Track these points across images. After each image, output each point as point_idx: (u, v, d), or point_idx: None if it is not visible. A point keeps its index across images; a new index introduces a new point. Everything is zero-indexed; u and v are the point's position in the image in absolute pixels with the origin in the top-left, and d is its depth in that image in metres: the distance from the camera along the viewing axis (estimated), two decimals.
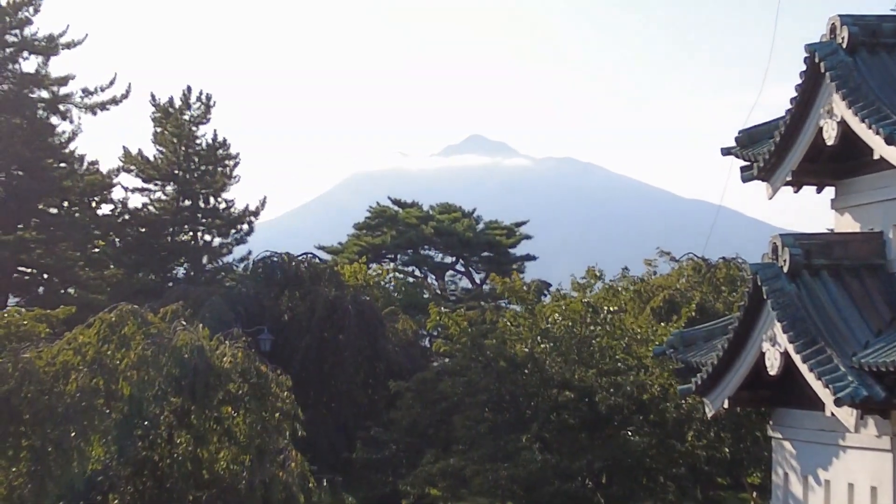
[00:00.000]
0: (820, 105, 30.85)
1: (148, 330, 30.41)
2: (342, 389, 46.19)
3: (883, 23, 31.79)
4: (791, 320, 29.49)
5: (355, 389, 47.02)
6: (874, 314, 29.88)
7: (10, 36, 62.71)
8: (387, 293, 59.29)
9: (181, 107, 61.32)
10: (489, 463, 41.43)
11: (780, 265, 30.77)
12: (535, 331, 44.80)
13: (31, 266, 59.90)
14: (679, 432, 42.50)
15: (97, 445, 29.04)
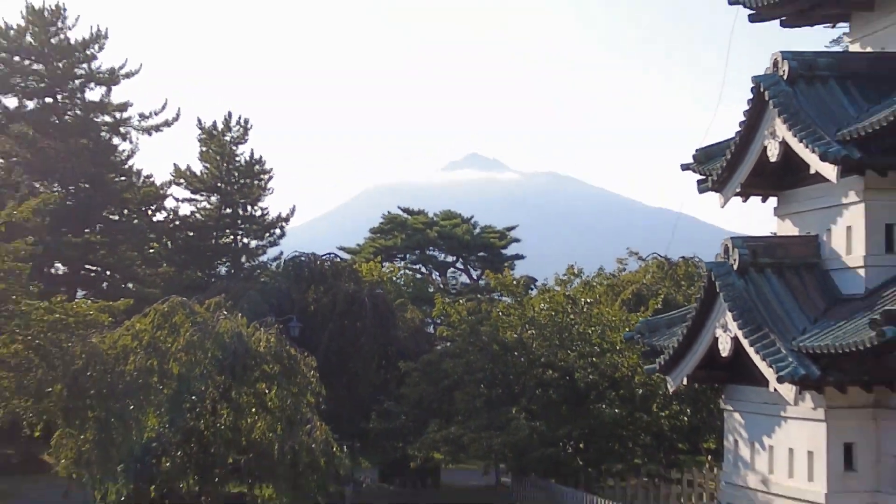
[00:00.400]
0: (765, 128, 31.02)
1: (195, 318, 30.52)
2: (359, 369, 46.27)
3: (818, 58, 31.97)
4: (740, 310, 29.67)
5: (370, 369, 47.10)
6: (810, 305, 30.09)
7: (78, 69, 62.70)
8: (397, 287, 59.35)
9: (223, 129, 61.48)
10: (484, 431, 41.55)
11: (731, 264, 30.97)
12: (523, 319, 44.98)
13: (97, 265, 60.01)
14: (645, 405, 42.70)
15: (152, 417, 29.18)
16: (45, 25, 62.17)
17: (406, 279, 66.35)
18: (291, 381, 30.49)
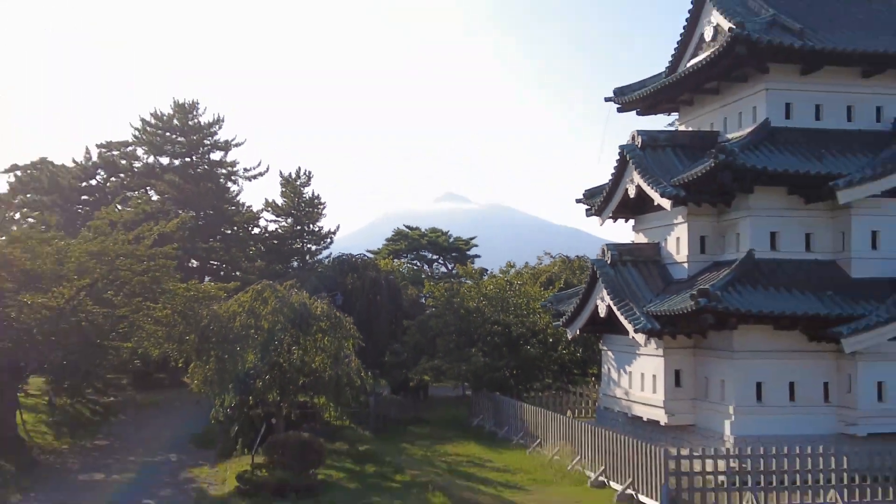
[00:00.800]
0: (627, 177, 31.43)
1: (277, 294, 30.45)
2: (378, 325, 46.19)
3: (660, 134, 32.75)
4: (611, 288, 30.00)
5: (385, 325, 47.00)
6: (654, 285, 30.61)
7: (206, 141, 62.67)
8: (402, 275, 59.29)
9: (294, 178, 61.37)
10: (455, 363, 41.52)
11: (606, 260, 31.34)
12: (479, 294, 45.16)
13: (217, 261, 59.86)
14: (554, 347, 42.83)
15: (250, 354, 29.08)
16: (185, 113, 62.26)
17: (407, 270, 66.47)
18: (336, 333, 30.46)
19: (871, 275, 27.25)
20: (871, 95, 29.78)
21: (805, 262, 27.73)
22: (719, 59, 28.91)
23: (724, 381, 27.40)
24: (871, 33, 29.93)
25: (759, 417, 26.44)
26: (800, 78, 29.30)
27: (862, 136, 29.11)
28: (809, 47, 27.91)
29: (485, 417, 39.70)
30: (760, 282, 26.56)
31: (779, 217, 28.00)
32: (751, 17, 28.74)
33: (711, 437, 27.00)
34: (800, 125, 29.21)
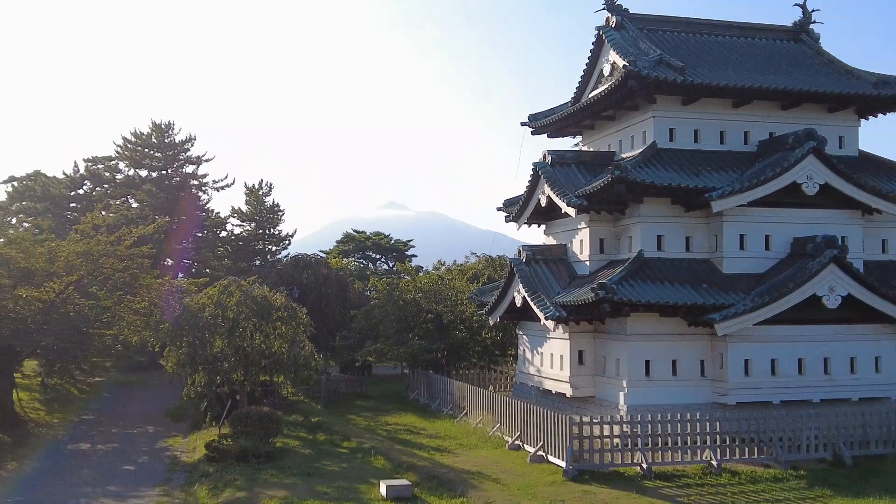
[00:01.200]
0: (539, 189, 31.59)
1: (241, 288, 30.36)
2: (330, 314, 46.12)
3: (567, 153, 32.95)
4: (526, 282, 30.22)
5: (335, 314, 46.91)
6: (562, 280, 30.81)
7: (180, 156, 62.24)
8: (350, 272, 59.13)
9: (257, 188, 61.01)
10: (394, 346, 41.59)
11: (522, 259, 31.56)
12: (415, 287, 45.14)
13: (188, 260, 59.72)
14: (479, 332, 43.01)
15: (218, 340, 28.95)
16: (161, 132, 61.70)
17: (355, 267, 66.27)
18: (292, 321, 30.42)
19: (739, 271, 27.84)
20: (740, 122, 30.47)
21: (685, 261, 28.19)
22: (615, 91, 29.42)
23: (618, 359, 27.78)
24: (740, 71, 30.69)
25: (648, 389, 26.84)
26: (682, 107, 29.84)
27: (732, 156, 29.75)
28: (689, 82, 28.49)
29: (419, 392, 39.86)
30: (648, 277, 26.92)
31: (664, 223, 28.41)
32: (641, 57, 29.30)
33: (608, 407, 27.34)
34: (681, 147, 29.76)
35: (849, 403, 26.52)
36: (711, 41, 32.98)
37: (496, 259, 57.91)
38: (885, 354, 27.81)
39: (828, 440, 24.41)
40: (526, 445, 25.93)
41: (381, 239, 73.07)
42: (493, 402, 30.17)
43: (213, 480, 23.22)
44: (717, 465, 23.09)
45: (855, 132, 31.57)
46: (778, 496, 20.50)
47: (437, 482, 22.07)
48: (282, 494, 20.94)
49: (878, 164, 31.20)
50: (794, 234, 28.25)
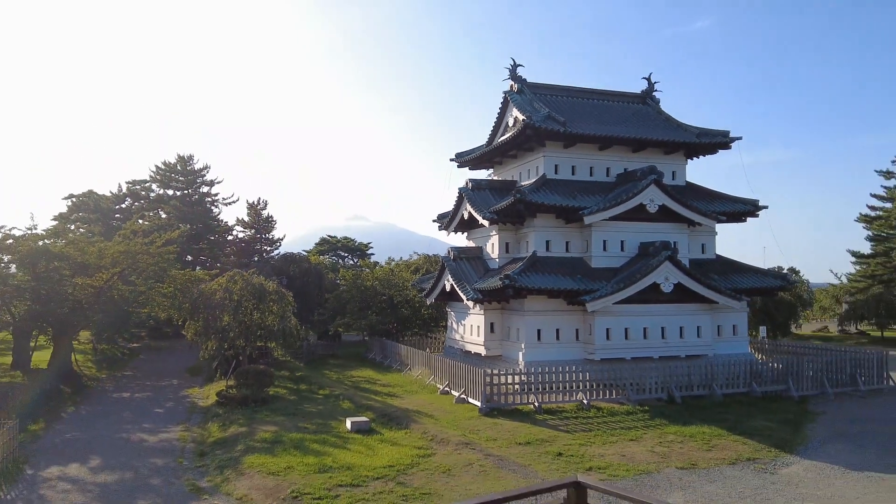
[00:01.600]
0: (463, 207, 31.50)
1: (243, 278, 29.85)
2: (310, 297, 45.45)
3: (482, 181, 32.71)
4: (453, 273, 30.18)
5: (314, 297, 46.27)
6: (479, 272, 30.80)
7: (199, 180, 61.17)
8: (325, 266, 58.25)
9: (256, 203, 59.80)
10: (358, 320, 41.32)
11: (451, 257, 31.46)
12: (373, 277, 44.77)
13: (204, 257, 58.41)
14: (419, 310, 42.95)
15: (226, 316, 28.42)
16: (184, 162, 60.91)
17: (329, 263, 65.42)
18: (282, 302, 29.98)
19: (603, 266, 28.40)
20: (604, 160, 31.06)
21: (565, 258, 28.66)
22: (517, 137, 29.76)
23: (518, 328, 28.09)
24: (604, 124, 31.28)
25: (539, 350, 27.20)
26: (563, 149, 30.31)
27: (598, 185, 30.32)
28: (569, 131, 28.97)
29: (376, 353, 39.67)
30: (540, 270, 27.30)
31: (551, 231, 28.84)
32: (535, 113, 29.69)
33: (512, 362, 27.62)
34: (563, 177, 30.22)
35: (678, 359, 27.27)
36: (584, 103, 33.55)
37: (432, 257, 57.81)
38: (703, 325, 28.66)
39: (664, 385, 24.99)
40: (453, 391, 26.05)
41: (348, 242, 72.31)
42: (430, 360, 30.22)
43: (221, 419, 22.78)
44: (587, 403, 23.44)
45: (684, 168, 32.44)
46: (630, 424, 20.94)
47: (388, 418, 22.02)
48: (273, 429, 20.66)
49: (699, 191, 32.12)
50: (640, 240, 28.90)
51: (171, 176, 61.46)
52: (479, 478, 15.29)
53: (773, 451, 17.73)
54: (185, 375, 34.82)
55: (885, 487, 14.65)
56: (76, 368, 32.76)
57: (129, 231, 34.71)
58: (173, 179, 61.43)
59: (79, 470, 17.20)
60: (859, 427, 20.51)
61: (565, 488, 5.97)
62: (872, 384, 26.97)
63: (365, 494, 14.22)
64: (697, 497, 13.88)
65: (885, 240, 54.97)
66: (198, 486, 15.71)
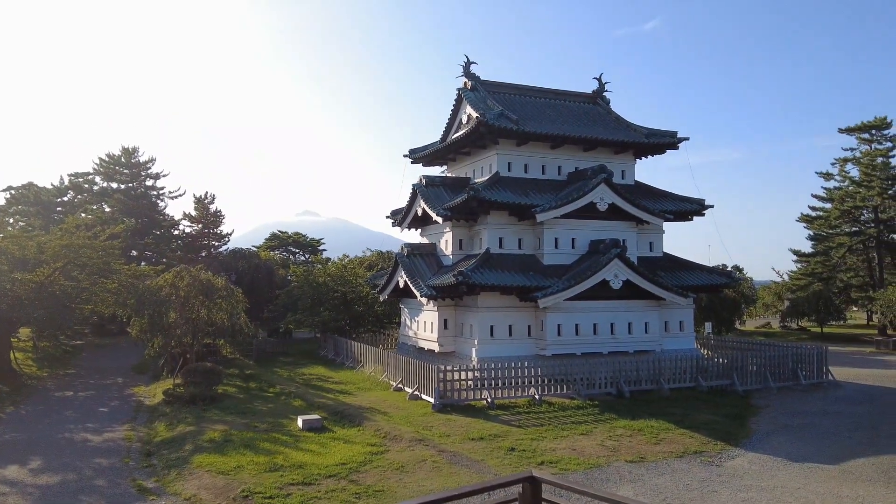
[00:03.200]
0: (417, 204, 31.47)
1: (191, 273, 29.17)
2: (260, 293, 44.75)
3: (436, 177, 32.80)
4: (407, 270, 30.13)
5: (264, 293, 45.58)
6: (433, 269, 30.85)
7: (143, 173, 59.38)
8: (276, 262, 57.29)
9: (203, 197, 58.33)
10: (309, 317, 40.82)
11: (404, 253, 31.41)
12: (325, 274, 44.22)
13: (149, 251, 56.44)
14: (373, 306, 42.59)
15: (173, 312, 27.75)
16: (129, 154, 59.08)
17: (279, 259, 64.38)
18: (231, 299, 29.35)
19: (554, 263, 28.75)
20: (556, 159, 31.39)
21: (518, 256, 28.88)
22: (471, 134, 29.83)
23: (472, 325, 28.16)
24: (555, 123, 31.63)
25: (492, 346, 27.36)
26: (516, 147, 30.53)
27: (550, 183, 30.64)
28: (521, 130, 29.20)
29: (328, 350, 39.27)
30: (493, 267, 27.42)
31: (504, 229, 29.01)
32: (489, 111, 29.78)
33: (465, 359, 27.69)
34: (516, 175, 30.46)
35: (627, 355, 27.81)
36: (536, 101, 33.82)
37: (385, 253, 57.50)
38: (651, 321, 29.26)
39: (613, 380, 25.40)
40: (406, 388, 25.97)
41: (299, 238, 71.39)
42: (383, 357, 30.07)
43: (169, 418, 22.21)
44: (538, 398, 23.67)
45: (633, 168, 33.03)
46: (580, 419, 21.23)
47: (340, 416, 21.84)
48: (222, 428, 20.25)
49: (647, 191, 32.77)
50: (591, 238, 29.32)
51: (115, 168, 59.51)
52: (433, 474, 15.30)
53: (718, 444, 18.23)
54: (131, 374, 33.86)
55: (824, 477, 15.24)
56: (15, 367, 31.62)
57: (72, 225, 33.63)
58: (117, 172, 59.51)
59: (18, 472, 16.54)
60: (800, 420, 21.29)
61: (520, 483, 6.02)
62: (813, 378, 28.03)
63: (317, 493, 14.06)
64: (647, 490, 14.17)
65: (824, 239, 57.18)
66: (144, 486, 15.28)
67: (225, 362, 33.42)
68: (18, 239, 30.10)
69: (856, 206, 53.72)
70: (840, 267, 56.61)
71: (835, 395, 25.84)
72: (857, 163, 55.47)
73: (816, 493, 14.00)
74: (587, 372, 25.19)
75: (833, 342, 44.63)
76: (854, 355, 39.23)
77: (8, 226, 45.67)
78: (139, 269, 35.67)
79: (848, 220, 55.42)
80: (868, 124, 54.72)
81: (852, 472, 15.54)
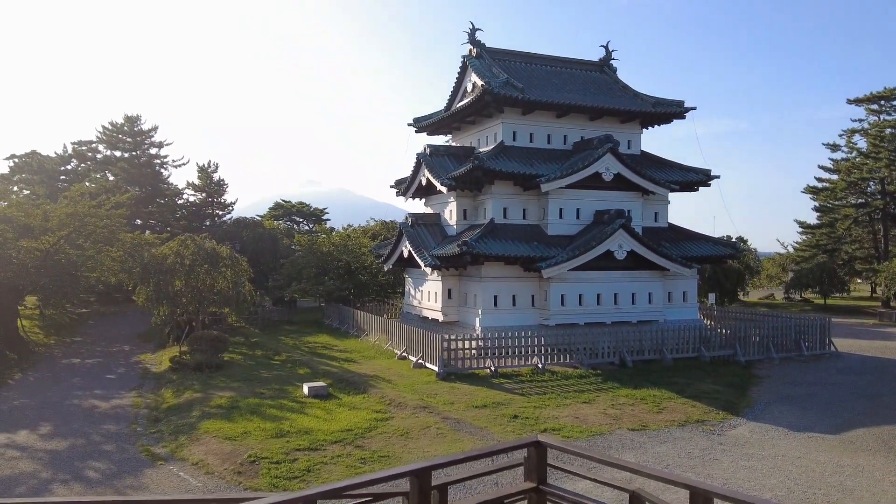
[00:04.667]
0: (421, 173, 31.38)
1: (195, 242, 29.20)
2: (264, 262, 44.82)
3: (440, 147, 32.55)
4: (411, 239, 30.13)
5: (268, 262, 45.68)
6: (437, 238, 30.84)
7: (146, 141, 59.10)
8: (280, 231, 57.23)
9: (206, 166, 58.10)
10: (314, 286, 40.95)
11: (408, 223, 31.35)
12: (329, 243, 44.22)
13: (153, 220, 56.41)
14: (377, 276, 42.70)
15: (178, 281, 27.84)
16: (132, 122, 58.78)
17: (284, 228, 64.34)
18: (235, 267, 29.41)
19: (559, 233, 28.69)
20: (561, 128, 31.18)
21: (522, 226, 28.84)
22: (475, 103, 29.54)
23: (476, 294, 28.27)
24: (561, 92, 31.31)
25: (496, 315, 27.48)
26: (521, 116, 30.29)
27: (556, 153, 30.48)
28: (527, 98, 28.93)
29: (333, 319, 39.50)
30: (497, 237, 27.42)
31: (508, 199, 28.93)
32: (494, 79, 29.47)
33: (468, 328, 27.84)
34: (521, 145, 30.28)
35: (630, 325, 27.92)
36: (542, 69, 33.44)
37: (389, 223, 57.41)
38: (654, 291, 29.32)
39: (616, 349, 25.56)
40: (410, 356, 26.15)
41: (303, 207, 71.27)
42: (387, 326, 30.24)
43: (175, 385, 22.45)
44: (542, 367, 23.84)
45: (639, 138, 32.79)
46: (583, 387, 21.41)
47: (345, 383, 22.04)
48: (229, 395, 20.48)
49: (653, 161, 32.57)
50: (595, 208, 29.23)
51: (117, 137, 59.16)
52: (437, 440, 15.48)
53: (720, 413, 18.39)
54: (137, 341, 34.15)
55: (825, 447, 15.38)
56: (23, 334, 31.90)
57: (77, 193, 33.56)
58: (120, 140, 59.19)
59: (28, 437, 16.78)
60: (802, 390, 21.43)
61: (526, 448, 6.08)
62: (815, 350, 28.15)
63: (323, 458, 14.26)
64: (648, 457, 14.33)
65: (830, 211, 56.93)
66: (152, 451, 15.51)
67: (230, 330, 33.67)
68: (24, 206, 30.12)
69: (862, 177, 53.37)
70: (845, 239, 56.48)
71: (836, 365, 25.97)
72: (865, 134, 54.97)
73: (817, 461, 14.13)
74: (590, 341, 25.34)
75: (836, 314, 44.69)
76: (857, 327, 39.33)
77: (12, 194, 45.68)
78: (144, 237, 35.73)
79: (854, 191, 55.12)
80: (877, 95, 54.03)
81: (853, 442, 15.68)
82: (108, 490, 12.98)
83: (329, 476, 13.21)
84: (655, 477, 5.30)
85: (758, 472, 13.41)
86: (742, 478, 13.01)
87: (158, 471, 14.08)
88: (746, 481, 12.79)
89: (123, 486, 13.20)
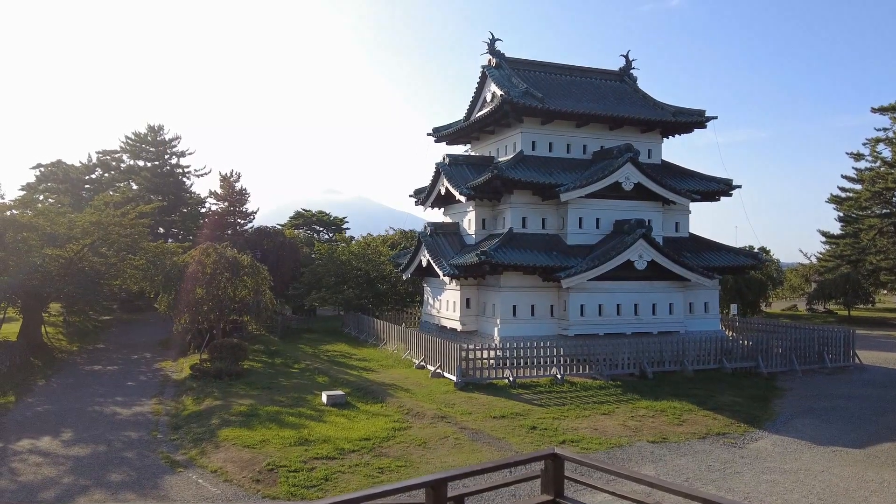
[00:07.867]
0: (440, 182, 31.40)
1: (217, 251, 29.48)
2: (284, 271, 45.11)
3: (460, 156, 32.64)
4: (430, 249, 30.15)
5: (289, 270, 45.95)
6: (456, 248, 30.82)
7: (169, 151, 60.06)
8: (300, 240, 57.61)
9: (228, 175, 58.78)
10: (333, 294, 41.18)
11: (427, 232, 31.42)
12: (349, 252, 44.53)
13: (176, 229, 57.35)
14: (396, 285, 42.88)
15: (199, 289, 28.11)
16: (154, 132, 59.89)
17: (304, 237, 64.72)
18: (256, 276, 29.65)
19: (578, 243, 28.60)
20: (581, 138, 31.12)
21: (541, 235, 28.79)
22: (495, 112, 29.61)
23: (494, 304, 28.24)
24: (581, 101, 31.27)
25: (514, 325, 27.46)
26: (540, 126, 30.29)
27: (575, 162, 30.42)
28: (546, 108, 28.92)
29: (351, 328, 39.65)
30: (516, 246, 27.40)
31: (527, 208, 28.91)
32: (513, 88, 29.53)
33: (487, 338, 27.84)
34: (540, 154, 30.26)
35: (651, 335, 27.70)
36: (561, 79, 33.45)
37: (408, 232, 57.50)
38: (675, 302, 29.08)
39: (636, 360, 25.32)
40: (428, 365, 26.15)
41: (323, 216, 71.64)
42: (406, 335, 30.28)
43: (196, 392, 22.63)
44: (560, 377, 23.71)
45: (659, 147, 32.62)
46: (602, 398, 21.23)
47: (364, 392, 22.07)
48: (248, 402, 20.59)
49: (674, 170, 32.36)
50: (615, 218, 29.11)
51: (141, 146, 60.27)
52: (455, 450, 15.43)
53: (742, 425, 18.13)
54: (158, 348, 34.48)
55: (848, 461, 15.09)
56: (46, 341, 32.35)
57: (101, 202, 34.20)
58: (143, 150, 60.27)
59: (51, 443, 17.01)
60: (826, 403, 21.07)
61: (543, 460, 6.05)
62: (839, 362, 27.67)
63: (341, 466, 14.28)
64: (668, 470, 14.16)
65: (854, 221, 56.06)
66: (173, 459, 15.63)
67: (250, 338, 33.90)
68: (49, 215, 30.64)
69: (887, 187, 52.49)
70: (870, 249, 55.53)
71: (861, 378, 25.50)
72: (890, 143, 54.13)
73: (840, 476, 13.88)
74: (610, 352, 25.14)
75: (861, 326, 43.93)
76: (882, 339, 38.60)
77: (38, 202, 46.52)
78: (166, 246, 36.23)
79: (879, 201, 54.20)
80: None
81: (878, 457, 15.37)
82: (128, 495, 13.10)
83: (347, 485, 13.22)
84: (674, 491, 5.25)
85: (780, 486, 13.19)
86: (764, 492, 12.80)
87: (178, 478, 14.19)
88: (768, 495, 12.59)
89: (143, 493, 13.32)
